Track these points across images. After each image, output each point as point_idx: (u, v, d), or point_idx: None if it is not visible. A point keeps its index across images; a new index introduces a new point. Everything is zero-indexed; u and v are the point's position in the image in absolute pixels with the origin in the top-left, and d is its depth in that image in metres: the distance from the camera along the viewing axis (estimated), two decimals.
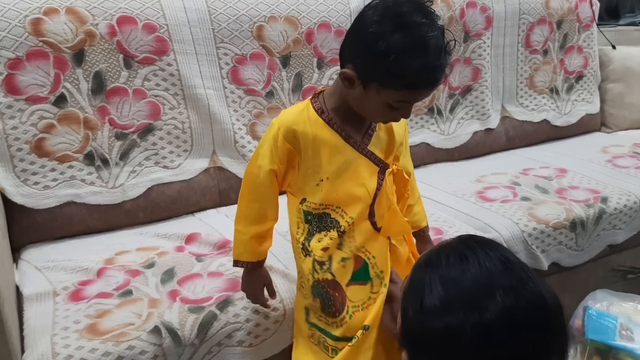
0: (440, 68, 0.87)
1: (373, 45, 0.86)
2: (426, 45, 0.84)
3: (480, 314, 0.65)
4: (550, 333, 0.67)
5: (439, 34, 0.86)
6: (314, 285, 1.02)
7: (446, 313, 0.66)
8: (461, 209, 1.53)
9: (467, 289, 0.67)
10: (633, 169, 1.80)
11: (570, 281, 1.58)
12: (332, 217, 0.99)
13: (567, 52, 2.19)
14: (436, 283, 0.69)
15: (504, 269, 0.69)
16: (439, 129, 1.95)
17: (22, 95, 1.34)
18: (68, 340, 0.99)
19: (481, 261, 0.69)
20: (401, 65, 0.85)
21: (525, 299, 0.66)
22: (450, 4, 1.88)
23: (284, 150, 0.97)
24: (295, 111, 0.99)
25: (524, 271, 0.70)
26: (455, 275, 0.69)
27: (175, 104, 1.52)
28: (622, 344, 1.13)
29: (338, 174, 0.97)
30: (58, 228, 1.40)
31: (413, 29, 0.84)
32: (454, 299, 0.67)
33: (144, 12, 1.46)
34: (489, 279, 0.68)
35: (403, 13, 0.86)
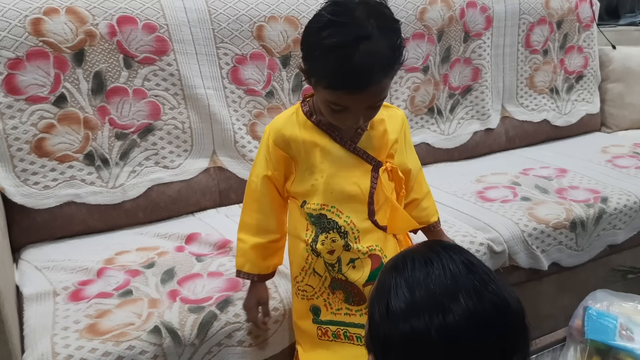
0: (363, 72, 0.84)
1: (306, 39, 0.89)
2: (352, 46, 0.83)
3: (445, 317, 0.65)
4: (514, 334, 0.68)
5: (377, 38, 0.84)
6: (332, 280, 1.02)
7: (412, 316, 0.66)
8: (461, 209, 1.53)
9: (431, 292, 0.67)
10: (633, 169, 1.80)
11: (570, 281, 1.58)
12: (328, 217, 0.99)
13: (567, 52, 2.19)
14: (402, 286, 0.69)
15: (467, 272, 0.69)
16: (439, 129, 1.95)
17: (22, 95, 1.34)
18: (68, 340, 0.99)
19: (445, 264, 0.70)
20: (323, 63, 0.86)
21: (488, 300, 0.67)
22: (450, 4, 1.88)
23: (277, 157, 0.99)
24: (284, 116, 1.01)
25: (486, 274, 0.70)
26: (420, 278, 0.69)
27: (175, 104, 1.52)
28: (622, 344, 1.13)
29: (331, 173, 0.98)
30: (58, 228, 1.40)
31: (344, 27, 0.83)
32: (419, 302, 0.67)
33: (144, 12, 1.46)
34: (452, 282, 0.68)
35: (343, 11, 0.85)
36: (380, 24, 0.85)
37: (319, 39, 0.85)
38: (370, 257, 1.01)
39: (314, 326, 1.06)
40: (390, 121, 1.03)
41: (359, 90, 0.86)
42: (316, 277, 1.03)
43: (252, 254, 1.05)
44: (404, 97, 1.86)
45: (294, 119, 0.99)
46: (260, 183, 1.01)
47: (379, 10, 0.87)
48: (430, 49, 1.88)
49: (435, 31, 1.88)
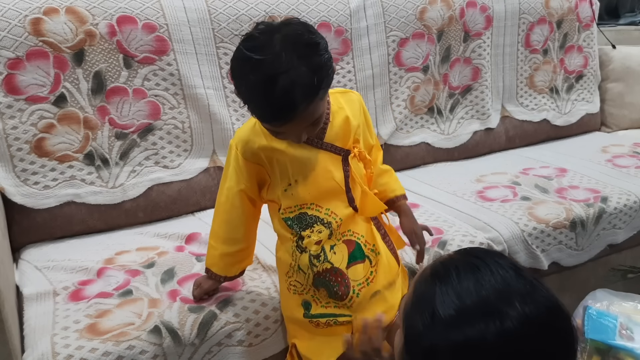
0: (284, 107, 0.85)
1: (232, 73, 0.89)
2: (269, 83, 0.83)
3: (502, 322, 0.63)
4: (566, 337, 0.67)
5: (296, 67, 0.83)
6: (315, 278, 1.04)
7: (464, 324, 0.64)
8: (461, 208, 1.53)
9: (484, 298, 0.65)
10: (633, 168, 1.80)
11: (570, 281, 1.58)
12: (309, 214, 1.01)
13: (567, 52, 2.19)
14: (449, 294, 0.67)
15: (517, 276, 0.68)
16: (439, 129, 1.95)
17: (22, 95, 1.35)
18: (68, 340, 0.99)
19: (494, 270, 0.68)
20: (248, 99, 0.87)
21: (542, 304, 0.66)
22: (450, 4, 1.88)
23: (248, 169, 1.01)
24: (247, 128, 1.01)
25: (534, 278, 0.70)
26: (469, 285, 0.67)
27: (175, 103, 1.52)
28: (622, 343, 1.14)
29: (305, 174, 0.99)
30: (58, 228, 1.40)
31: (261, 64, 0.83)
32: (471, 308, 0.65)
33: (143, 12, 1.46)
34: (505, 287, 0.66)
35: (259, 46, 0.85)
36: (299, 51, 0.84)
37: (241, 75, 0.87)
38: (344, 242, 1.04)
39: (306, 320, 1.07)
40: (349, 107, 1.04)
41: (284, 122, 0.88)
42: (301, 274, 1.05)
43: (220, 261, 1.09)
44: (404, 96, 1.86)
45: (258, 128, 0.99)
46: (232, 196, 1.03)
47: (296, 37, 0.86)
48: (430, 48, 1.88)
49: (435, 31, 1.88)
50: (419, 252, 1.14)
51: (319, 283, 1.04)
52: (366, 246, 1.05)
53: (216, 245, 1.08)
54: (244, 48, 0.86)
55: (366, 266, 1.05)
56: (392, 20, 1.79)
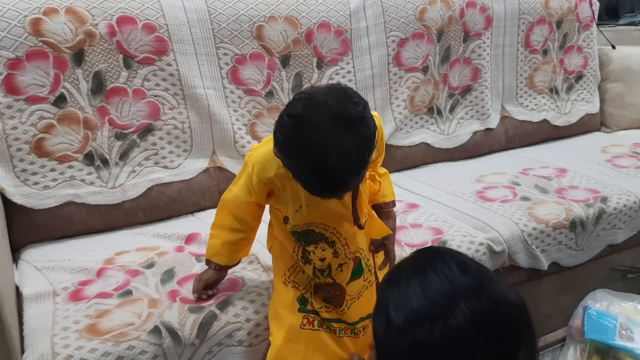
0: (334, 182, 0.84)
1: (277, 142, 0.87)
2: (319, 160, 0.82)
3: (446, 321, 0.64)
4: (516, 328, 0.68)
5: (346, 142, 0.81)
6: (316, 284, 1.07)
7: (412, 327, 0.66)
8: (461, 208, 1.53)
9: (429, 299, 0.67)
10: (633, 168, 1.80)
11: (570, 281, 1.58)
12: (316, 232, 1.03)
13: (567, 52, 2.19)
14: (399, 298, 0.69)
15: (461, 272, 0.69)
16: (439, 129, 1.95)
17: (21, 95, 1.34)
18: (68, 340, 0.99)
19: (439, 269, 0.69)
20: (296, 172, 0.87)
21: (486, 297, 0.67)
22: (450, 4, 1.88)
23: (260, 188, 1.02)
24: (266, 152, 0.99)
25: (481, 271, 0.70)
26: (416, 287, 0.68)
27: (175, 104, 1.52)
28: (621, 343, 1.14)
29: (315, 200, 0.98)
30: (58, 228, 1.40)
31: (310, 141, 0.82)
32: (418, 311, 0.67)
33: (143, 12, 1.46)
34: (449, 285, 0.68)
35: (306, 122, 0.82)
36: (347, 127, 0.82)
37: (288, 151, 0.86)
38: (352, 259, 1.07)
39: (299, 315, 1.07)
40: None
41: (334, 196, 0.90)
42: (304, 276, 1.07)
43: (223, 249, 1.09)
44: (404, 97, 1.86)
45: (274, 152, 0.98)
46: (239, 203, 1.05)
47: (342, 111, 0.83)
48: (429, 48, 1.88)
49: (434, 31, 1.88)
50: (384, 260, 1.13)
51: (318, 289, 1.07)
52: (364, 260, 1.09)
53: (219, 234, 1.09)
54: (291, 126, 0.84)
55: (360, 281, 1.08)
56: (392, 21, 1.79)
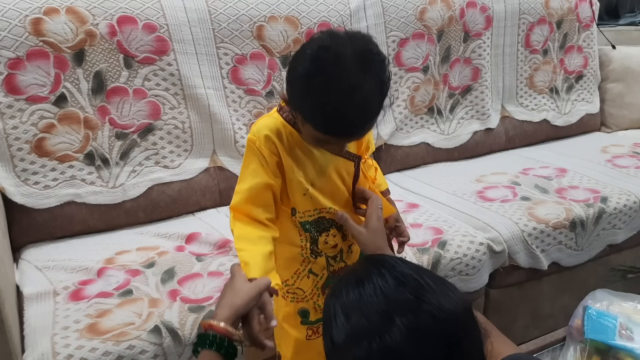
0: (355, 124, 0.83)
1: (295, 83, 0.85)
2: (342, 100, 0.80)
3: (382, 341, 0.63)
4: (455, 342, 0.65)
5: (369, 84, 0.81)
6: (328, 277, 1.05)
7: (352, 346, 0.64)
8: (461, 208, 1.53)
9: (366, 316, 0.65)
10: (633, 168, 1.80)
11: (570, 281, 1.58)
12: (327, 218, 1.01)
13: (567, 52, 2.19)
14: (339, 315, 0.67)
15: (398, 285, 0.67)
16: (439, 129, 1.95)
17: (22, 95, 1.35)
18: (68, 339, 1.00)
19: (375, 282, 0.67)
20: (313, 112, 0.84)
21: (424, 311, 0.64)
22: (450, 4, 1.88)
23: (273, 164, 0.95)
24: (267, 122, 0.96)
25: (419, 283, 0.67)
26: (354, 303, 0.67)
27: (176, 103, 1.52)
28: (622, 343, 1.14)
29: (320, 179, 0.98)
30: (58, 228, 1.41)
31: (334, 78, 0.80)
32: (356, 329, 0.65)
33: (144, 12, 1.46)
34: (385, 301, 0.66)
35: (332, 59, 0.80)
36: (370, 66, 0.82)
37: (308, 87, 0.82)
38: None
39: (302, 327, 1.06)
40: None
41: (347, 139, 0.90)
42: (310, 279, 1.04)
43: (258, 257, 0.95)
44: (404, 96, 1.86)
45: (280, 128, 0.95)
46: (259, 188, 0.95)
47: (367, 50, 0.83)
48: (430, 48, 1.88)
49: (435, 31, 1.88)
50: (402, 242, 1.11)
51: (330, 281, 1.05)
52: None
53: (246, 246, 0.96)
54: (315, 58, 0.81)
55: None
56: (392, 21, 1.80)
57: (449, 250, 1.33)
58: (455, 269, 1.33)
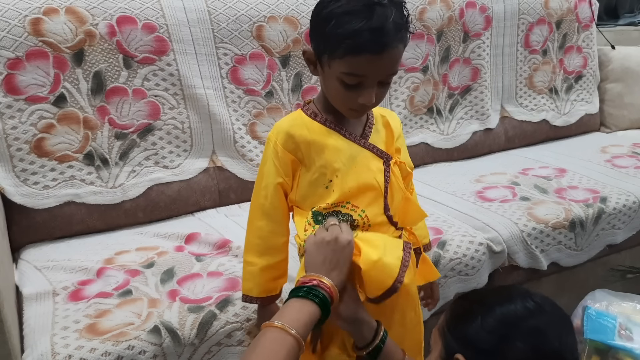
0: (382, 31, 0.84)
1: (319, 14, 0.88)
2: (367, 9, 0.84)
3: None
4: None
5: (389, 6, 0.85)
6: None
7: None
8: (461, 208, 1.53)
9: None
10: (632, 168, 1.80)
11: (570, 281, 1.59)
12: (342, 212, 0.97)
13: (567, 52, 2.19)
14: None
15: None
16: (439, 129, 1.95)
17: (21, 95, 1.35)
18: (68, 340, 0.99)
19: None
20: (341, 29, 0.85)
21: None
22: (449, 4, 1.88)
23: (286, 162, 0.95)
24: (289, 119, 0.98)
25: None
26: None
27: (175, 103, 1.53)
28: (621, 343, 1.14)
29: (347, 169, 0.95)
30: (58, 228, 1.40)
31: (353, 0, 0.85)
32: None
33: (143, 12, 1.46)
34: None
35: None
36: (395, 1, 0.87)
37: (334, 9, 0.86)
38: None
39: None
40: (391, 117, 1.05)
41: (378, 51, 0.85)
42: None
43: (261, 278, 0.98)
44: (404, 97, 1.86)
45: (300, 121, 0.97)
46: (270, 194, 0.96)
47: None
48: (429, 49, 1.88)
49: (434, 31, 1.88)
50: (431, 303, 1.14)
51: None
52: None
53: (254, 260, 0.98)
54: None
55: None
56: None
57: (448, 250, 1.33)
58: (454, 269, 1.33)
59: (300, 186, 0.97)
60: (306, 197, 0.97)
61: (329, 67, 0.89)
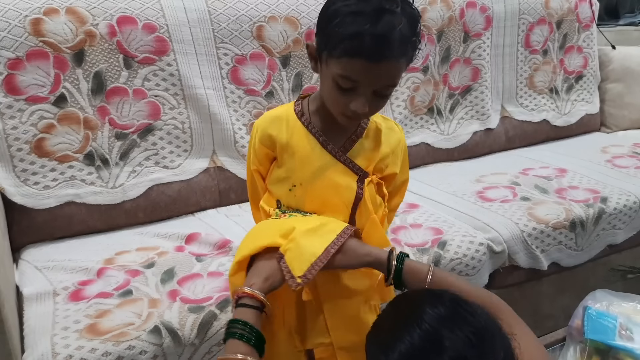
0: (384, 40, 0.80)
1: (327, 10, 0.86)
2: (375, 14, 0.80)
3: None
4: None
5: (400, 16, 0.82)
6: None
7: None
8: (461, 209, 1.53)
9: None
10: (632, 168, 1.80)
11: (570, 281, 1.59)
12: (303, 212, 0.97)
13: (567, 52, 2.19)
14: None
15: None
16: (439, 129, 1.95)
17: (22, 95, 1.35)
18: (68, 340, 0.99)
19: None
20: (342, 28, 0.82)
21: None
22: (450, 4, 1.88)
23: (261, 154, 0.99)
24: (274, 114, 0.98)
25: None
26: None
27: (175, 104, 1.52)
28: (621, 343, 1.14)
29: (312, 180, 0.94)
30: (58, 228, 1.40)
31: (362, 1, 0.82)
32: None
33: (144, 12, 1.46)
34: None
35: None
36: (406, 6, 0.84)
37: (342, 7, 0.83)
38: None
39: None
40: (388, 134, 0.99)
41: (376, 60, 0.81)
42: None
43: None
44: (404, 97, 1.86)
45: (284, 117, 0.97)
46: (250, 177, 1.06)
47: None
48: (430, 49, 1.88)
49: (435, 31, 1.88)
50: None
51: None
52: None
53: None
54: None
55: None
56: None
57: (448, 250, 1.33)
58: (455, 269, 1.33)
59: (271, 177, 1.00)
60: (273, 188, 1.00)
61: (327, 65, 0.87)
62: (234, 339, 0.80)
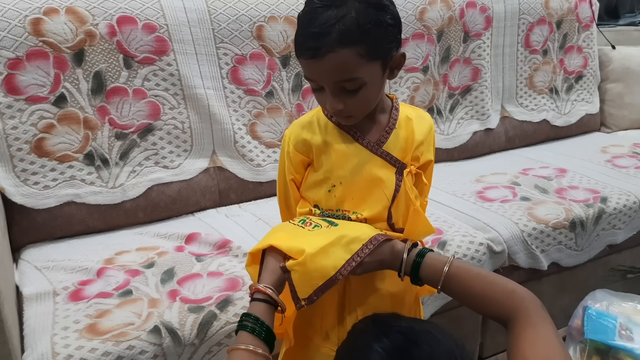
0: (315, 36, 0.80)
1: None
2: (313, 12, 0.82)
3: None
4: None
5: (349, 9, 0.80)
6: None
7: None
8: (461, 209, 1.53)
9: None
10: (632, 168, 1.80)
11: (570, 281, 1.59)
12: (343, 213, 0.96)
13: (567, 52, 2.19)
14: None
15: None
16: (439, 129, 1.95)
17: (22, 95, 1.35)
18: (68, 340, 0.99)
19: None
20: (296, 31, 0.86)
21: None
22: (450, 4, 1.88)
23: (297, 161, 0.97)
24: (304, 120, 0.97)
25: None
26: None
27: (175, 104, 1.53)
28: (621, 343, 1.14)
29: (352, 176, 0.94)
30: (58, 228, 1.40)
31: (312, 1, 0.84)
32: None
33: (144, 12, 1.46)
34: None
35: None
36: (362, 2, 0.81)
37: (301, 11, 0.86)
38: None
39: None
40: (419, 122, 0.99)
41: (311, 55, 0.82)
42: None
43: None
44: (404, 97, 1.86)
45: (315, 121, 0.96)
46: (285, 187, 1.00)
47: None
48: (429, 49, 1.88)
49: (435, 31, 1.88)
50: None
51: None
52: None
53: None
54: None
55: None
56: None
57: (448, 250, 1.33)
58: None
59: (307, 183, 0.98)
60: (310, 193, 0.98)
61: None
62: (245, 332, 0.82)
